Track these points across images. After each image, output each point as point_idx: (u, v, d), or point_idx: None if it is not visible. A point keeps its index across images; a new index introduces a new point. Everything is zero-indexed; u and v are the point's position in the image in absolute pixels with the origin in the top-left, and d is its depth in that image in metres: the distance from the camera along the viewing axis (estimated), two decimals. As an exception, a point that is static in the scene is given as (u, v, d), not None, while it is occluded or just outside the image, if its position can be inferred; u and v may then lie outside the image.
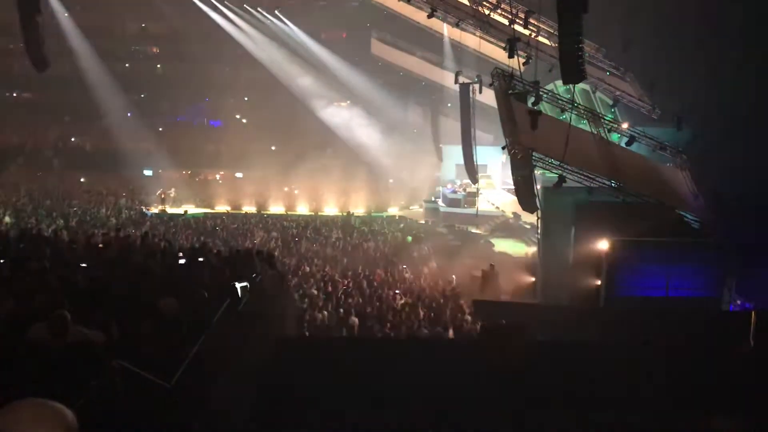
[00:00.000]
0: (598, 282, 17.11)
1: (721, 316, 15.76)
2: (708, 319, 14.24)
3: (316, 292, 17.70)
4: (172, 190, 35.14)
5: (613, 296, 16.56)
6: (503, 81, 17.77)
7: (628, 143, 19.00)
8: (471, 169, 28.47)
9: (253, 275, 11.00)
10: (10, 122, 46.45)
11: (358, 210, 34.56)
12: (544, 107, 18.55)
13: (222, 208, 34.89)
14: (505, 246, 27.98)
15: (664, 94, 23.35)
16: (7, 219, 27.47)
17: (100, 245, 13.30)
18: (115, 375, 4.57)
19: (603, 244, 16.83)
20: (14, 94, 49.12)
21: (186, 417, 5.85)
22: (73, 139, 45.73)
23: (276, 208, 34.87)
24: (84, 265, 10.16)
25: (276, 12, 43.41)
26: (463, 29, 24.91)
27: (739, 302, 16.83)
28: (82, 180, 40.15)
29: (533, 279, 20.84)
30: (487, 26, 22.37)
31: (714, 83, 19.90)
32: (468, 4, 22.19)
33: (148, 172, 39.60)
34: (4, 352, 5.08)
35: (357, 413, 8.88)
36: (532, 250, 24.95)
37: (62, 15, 39.19)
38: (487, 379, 9.32)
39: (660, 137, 19.43)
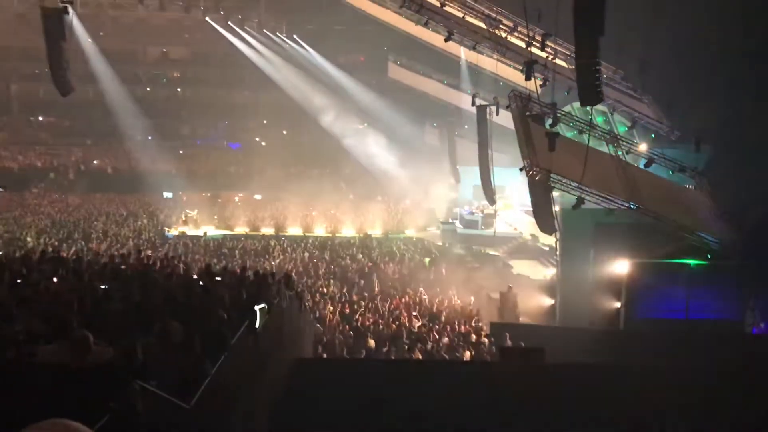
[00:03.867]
0: (618, 304, 16.98)
1: (745, 339, 15.55)
2: (731, 342, 14.06)
3: (333, 313, 17.72)
4: (195, 211, 35.43)
5: (634, 318, 16.41)
6: (520, 103, 17.83)
7: (647, 165, 18.92)
8: (488, 190, 28.43)
9: (271, 297, 11.04)
10: (34, 145, 47.33)
11: (376, 231, 34.58)
12: (562, 129, 18.55)
13: (241, 229, 35.06)
14: (524, 268, 27.83)
15: (682, 115, 23.27)
16: (29, 240, 27.85)
17: (122, 266, 13.44)
18: (136, 396, 4.61)
19: (623, 266, 16.71)
20: (39, 118, 50.12)
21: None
22: (95, 162, 46.43)
23: (294, 229, 35.00)
24: (104, 286, 10.27)
25: (294, 36, 44.00)
26: (479, 52, 25.06)
27: (762, 325, 16.58)
28: (103, 202, 40.59)
29: (552, 301, 20.71)
30: (504, 49, 22.49)
31: (732, 103, 19.81)
32: (485, 27, 22.34)
33: (168, 194, 39.97)
34: (25, 372, 5.14)
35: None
36: (551, 271, 24.81)
37: (86, 40, 39.97)
38: (506, 402, 9.25)
39: (679, 158, 19.34)
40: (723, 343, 13.42)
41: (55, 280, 10.86)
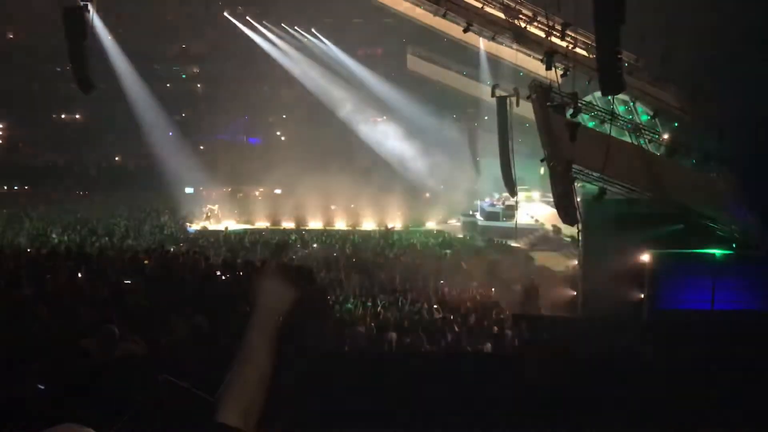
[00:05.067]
0: (642, 295, 16.81)
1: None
2: (756, 333, 13.85)
3: (354, 306, 17.75)
4: (216, 206, 35.71)
5: (657, 309, 16.24)
6: (541, 93, 17.67)
7: (670, 154, 18.69)
8: (509, 182, 28.28)
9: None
10: (58, 142, 47.94)
11: (396, 224, 34.59)
12: (583, 119, 18.38)
13: (262, 224, 35.24)
14: (545, 259, 27.69)
15: (706, 103, 22.90)
16: (54, 236, 28.20)
17: (145, 262, 13.58)
18: (161, 389, 4.65)
19: (646, 257, 16.55)
20: (62, 116, 50.72)
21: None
22: (116, 158, 46.87)
23: (314, 223, 35.10)
24: (128, 281, 10.38)
25: (313, 30, 44.03)
26: (499, 43, 24.85)
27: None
28: (125, 198, 41.03)
29: (574, 293, 20.57)
30: (523, 39, 22.27)
31: (758, 91, 19.45)
32: (504, 17, 22.14)
33: (189, 190, 40.26)
34: (53, 367, 5.21)
35: (396, 428, 8.84)
36: (573, 263, 24.64)
37: (106, 37, 40.31)
38: (528, 394, 9.21)
39: (702, 147, 19.07)
40: (748, 333, 13.23)
41: (80, 275, 11.01)
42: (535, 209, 35.02)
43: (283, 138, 48.92)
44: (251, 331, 2.46)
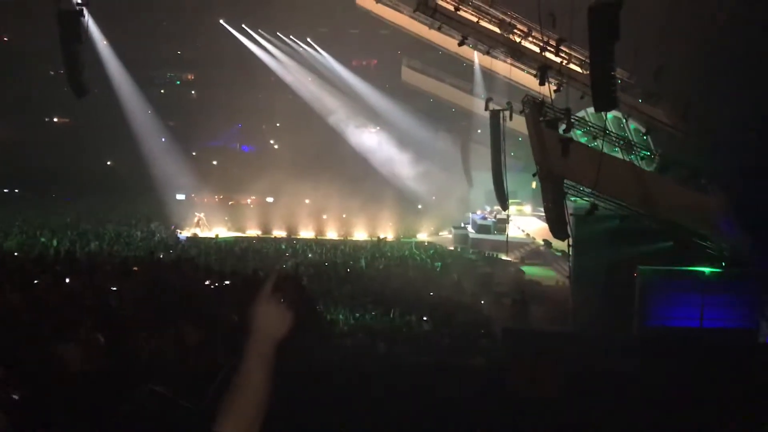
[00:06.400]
0: (631, 311, 16.84)
1: (758, 348, 15.36)
2: (744, 351, 13.89)
3: (344, 317, 17.72)
4: (202, 214, 35.61)
5: (646, 326, 16.27)
6: (534, 108, 17.75)
7: (661, 171, 18.79)
8: (501, 195, 28.34)
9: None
10: (49, 146, 47.65)
11: (387, 235, 34.58)
12: (576, 135, 18.47)
13: (253, 232, 35.15)
14: (536, 273, 27.71)
15: (699, 119, 23.03)
16: (42, 240, 27.99)
17: (134, 268, 13.50)
18: (147, 398, 4.61)
19: (636, 273, 16.59)
20: (54, 119, 50.53)
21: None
22: (108, 163, 46.64)
23: (306, 232, 35.04)
24: (114, 288, 10.31)
25: (308, 40, 44.16)
26: (493, 57, 24.98)
27: (777, 334, 16.38)
28: (116, 203, 40.79)
29: (565, 307, 20.58)
30: (518, 54, 22.39)
31: (751, 107, 19.57)
32: (499, 32, 22.26)
33: (180, 196, 40.08)
34: (38, 373, 5.15)
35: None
36: (563, 277, 24.68)
37: (101, 42, 40.27)
38: (518, 408, 9.19)
39: (694, 163, 19.17)
40: (736, 352, 13.26)
41: (68, 280, 10.92)
42: (527, 223, 35.09)
43: (276, 146, 48.91)
44: (248, 356, 2.43)
